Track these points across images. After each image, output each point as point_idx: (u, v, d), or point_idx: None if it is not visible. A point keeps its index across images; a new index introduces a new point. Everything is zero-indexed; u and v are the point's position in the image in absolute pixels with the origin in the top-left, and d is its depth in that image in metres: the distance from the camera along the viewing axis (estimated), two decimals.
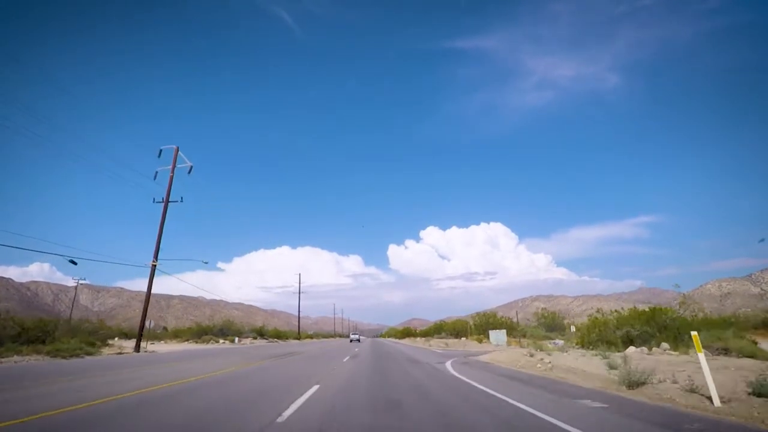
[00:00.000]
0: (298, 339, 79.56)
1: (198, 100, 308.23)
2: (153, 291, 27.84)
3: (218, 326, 50.78)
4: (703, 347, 9.05)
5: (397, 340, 75.52)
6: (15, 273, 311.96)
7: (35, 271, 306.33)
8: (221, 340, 46.54)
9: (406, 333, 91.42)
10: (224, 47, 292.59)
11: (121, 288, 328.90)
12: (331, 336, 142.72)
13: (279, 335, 69.71)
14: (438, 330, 53.42)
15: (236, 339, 48.21)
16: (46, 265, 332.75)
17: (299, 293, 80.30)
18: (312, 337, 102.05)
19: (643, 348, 16.34)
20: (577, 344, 20.77)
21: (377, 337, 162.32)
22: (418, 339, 54.92)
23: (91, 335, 24.73)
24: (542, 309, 42.47)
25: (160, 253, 28.74)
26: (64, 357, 19.04)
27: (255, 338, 56.08)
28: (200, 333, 47.26)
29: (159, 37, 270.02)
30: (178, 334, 48.88)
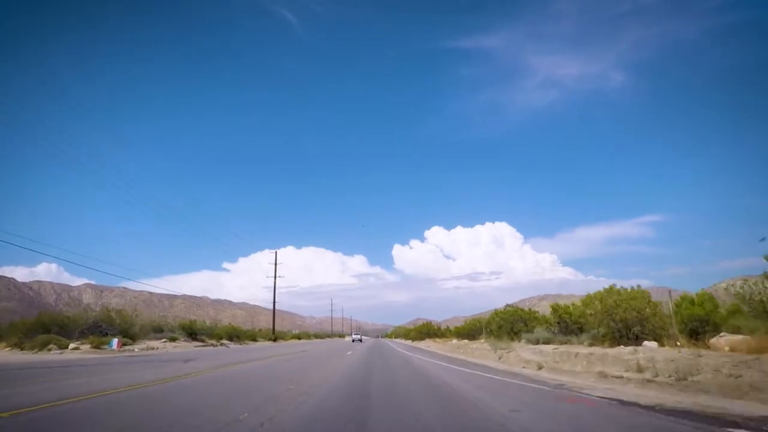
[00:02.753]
0: (273, 341, 54.41)
1: (200, 100, 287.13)
2: (155, 290, 2.94)
3: (90, 319, 26.16)
4: None
5: (411, 343, 49.50)
6: (23, 273, 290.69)
7: (42, 271, 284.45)
8: (73, 344, 21.73)
9: (426, 332, 54.63)
10: (226, 47, 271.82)
11: (125, 288, 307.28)
12: (329, 336, 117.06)
13: (234, 335, 44.45)
14: (506, 322, 21.33)
15: (114, 342, 23.44)
16: (53, 266, 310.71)
17: (275, 277, 55.50)
18: (299, 338, 76.73)
19: None
20: None
21: (381, 337, 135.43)
22: (455, 342, 29.67)
23: None
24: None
25: None
26: None
27: (173, 339, 31.14)
28: (35, 330, 22.81)
29: (159, 36, 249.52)
30: (7, 334, 24.36)
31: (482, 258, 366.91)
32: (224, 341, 39.28)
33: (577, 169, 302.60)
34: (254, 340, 50.60)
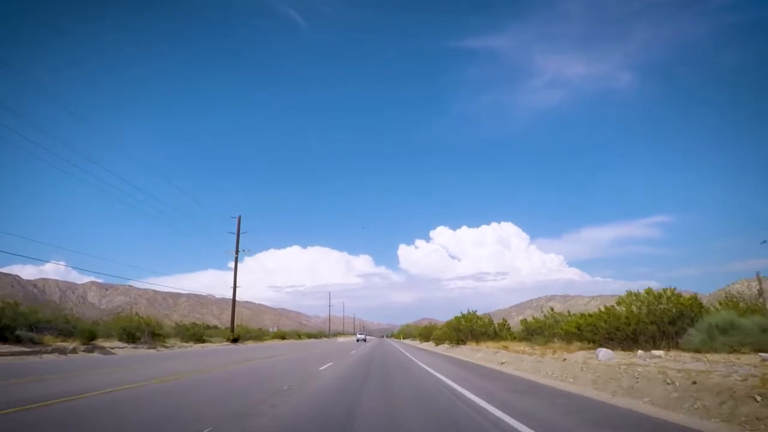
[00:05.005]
0: (233, 341, 36.18)
1: (205, 99, 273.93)
2: (159, 288, 0.97)
3: None
4: None
5: (436, 349, 29.22)
6: (31, 272, 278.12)
7: (50, 269, 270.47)
8: None
9: (469, 330, 26.91)
10: (229, 46, 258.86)
11: (130, 286, 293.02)
12: (326, 336, 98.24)
13: (143, 331, 25.96)
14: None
15: None
16: (61, 264, 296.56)
17: (236, 253, 37.49)
18: (284, 337, 59.00)
19: None
20: None
21: (386, 337, 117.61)
22: (607, 361, 9.96)
23: None
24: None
25: None
26: None
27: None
28: None
29: (162, 36, 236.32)
30: None
31: (488, 258, 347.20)
32: (106, 344, 21.17)
33: (583, 169, 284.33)
34: (201, 340, 32.65)
